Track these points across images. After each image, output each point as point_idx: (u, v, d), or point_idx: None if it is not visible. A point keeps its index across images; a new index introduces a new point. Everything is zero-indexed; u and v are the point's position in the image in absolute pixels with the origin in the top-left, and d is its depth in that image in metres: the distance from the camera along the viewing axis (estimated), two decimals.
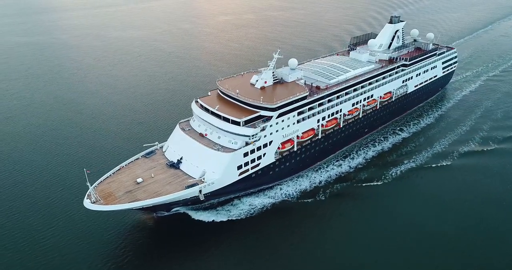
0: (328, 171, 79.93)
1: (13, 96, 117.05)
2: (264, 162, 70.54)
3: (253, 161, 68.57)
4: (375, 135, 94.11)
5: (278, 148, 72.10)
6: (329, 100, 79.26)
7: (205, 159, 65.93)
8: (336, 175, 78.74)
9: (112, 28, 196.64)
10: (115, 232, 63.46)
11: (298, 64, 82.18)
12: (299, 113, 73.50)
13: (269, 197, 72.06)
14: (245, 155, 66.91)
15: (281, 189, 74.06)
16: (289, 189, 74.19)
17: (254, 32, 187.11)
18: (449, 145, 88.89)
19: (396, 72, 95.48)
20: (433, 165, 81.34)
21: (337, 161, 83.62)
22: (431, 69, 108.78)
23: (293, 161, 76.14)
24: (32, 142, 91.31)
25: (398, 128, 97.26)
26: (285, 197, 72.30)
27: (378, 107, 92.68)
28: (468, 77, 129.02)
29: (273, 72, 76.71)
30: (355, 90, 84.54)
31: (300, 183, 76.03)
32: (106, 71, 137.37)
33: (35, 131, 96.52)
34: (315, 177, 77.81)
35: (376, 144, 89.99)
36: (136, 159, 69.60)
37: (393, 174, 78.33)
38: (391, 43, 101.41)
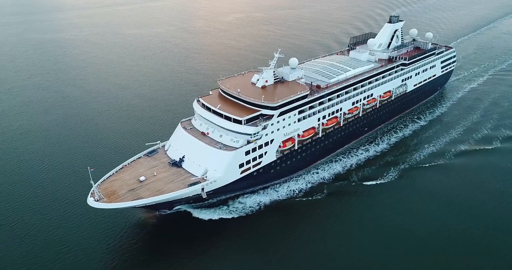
0: (329, 170, 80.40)
1: (23, 93, 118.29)
2: (265, 160, 71.14)
3: (254, 159, 69.15)
4: (373, 135, 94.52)
5: (279, 146, 72.72)
6: (330, 99, 79.91)
7: (207, 157, 66.50)
8: (337, 173, 79.29)
9: (127, 26, 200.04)
10: (118, 230, 63.97)
11: (298, 64, 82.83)
12: (300, 112, 74.13)
13: (270, 195, 72.57)
14: (247, 153, 67.49)
15: (283, 187, 74.60)
16: (292, 186, 74.74)
17: (256, 32, 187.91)
18: (452, 143, 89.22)
19: (396, 72, 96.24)
20: (435, 164, 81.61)
21: (337, 160, 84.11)
22: (430, 68, 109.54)
23: (294, 159, 76.75)
24: (37, 140, 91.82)
25: (397, 127, 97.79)
26: (287, 195, 72.82)
27: (377, 106, 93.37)
28: (468, 77, 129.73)
29: (274, 72, 77.33)
30: (355, 89, 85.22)
31: (302, 181, 76.62)
32: (111, 70, 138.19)
33: (39, 129, 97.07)
34: (316, 175, 78.40)
35: (374, 143, 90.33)
36: (139, 157, 70.11)
37: (393, 173, 78.61)
38: (390, 43, 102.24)
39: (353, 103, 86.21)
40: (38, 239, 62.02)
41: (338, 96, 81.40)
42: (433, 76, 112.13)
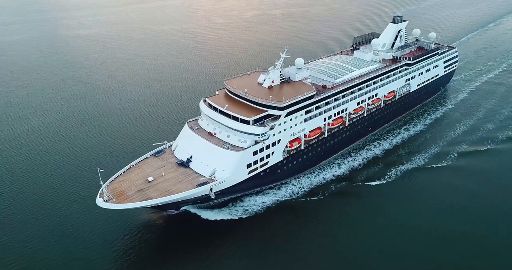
0: (334, 170, 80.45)
1: (31, 93, 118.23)
2: (272, 161, 71.26)
3: (262, 159, 69.25)
4: (377, 135, 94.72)
5: (286, 146, 72.85)
6: (335, 99, 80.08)
7: (215, 157, 66.54)
8: (342, 174, 79.40)
9: (151, 23, 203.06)
10: (126, 230, 64.01)
11: (304, 64, 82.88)
12: (306, 112, 74.27)
13: (277, 195, 72.74)
14: (254, 153, 67.57)
15: (289, 187, 74.74)
16: (297, 187, 74.90)
17: (261, 32, 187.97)
18: (456, 143, 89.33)
19: (400, 72, 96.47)
20: (439, 165, 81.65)
21: (339, 160, 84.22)
22: (433, 68, 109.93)
23: (300, 159, 76.93)
24: (46, 140, 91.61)
25: (399, 127, 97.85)
26: (294, 195, 72.99)
27: (382, 106, 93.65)
28: (470, 76, 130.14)
29: (280, 72, 77.39)
30: (360, 89, 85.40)
31: (308, 181, 76.77)
32: (116, 70, 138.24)
33: (45, 129, 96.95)
34: (321, 176, 78.54)
35: (379, 143, 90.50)
36: (146, 157, 70.05)
37: (398, 174, 78.67)
38: (394, 43, 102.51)
39: (358, 103, 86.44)
40: (46, 239, 61.91)
41: (343, 96, 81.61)
42: (436, 76, 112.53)
